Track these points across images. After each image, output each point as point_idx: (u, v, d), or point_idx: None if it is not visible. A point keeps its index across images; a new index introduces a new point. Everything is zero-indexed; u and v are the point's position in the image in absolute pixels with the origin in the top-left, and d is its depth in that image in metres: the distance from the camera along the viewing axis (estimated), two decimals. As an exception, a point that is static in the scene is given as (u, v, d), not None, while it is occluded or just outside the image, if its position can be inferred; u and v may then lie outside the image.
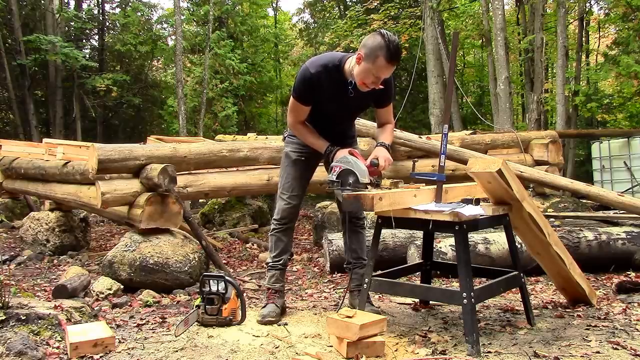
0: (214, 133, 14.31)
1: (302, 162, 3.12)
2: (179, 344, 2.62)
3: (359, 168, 2.62)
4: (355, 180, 2.59)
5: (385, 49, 2.57)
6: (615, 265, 4.13)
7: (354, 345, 2.36)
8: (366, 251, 3.18)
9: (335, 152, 2.84)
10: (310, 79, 2.80)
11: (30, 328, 2.58)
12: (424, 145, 5.62)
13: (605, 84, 17.17)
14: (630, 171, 10.27)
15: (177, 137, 11.69)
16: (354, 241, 3.18)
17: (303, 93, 2.87)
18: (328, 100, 2.90)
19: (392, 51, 2.58)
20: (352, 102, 2.91)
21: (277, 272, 3.20)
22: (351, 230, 3.19)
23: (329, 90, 2.85)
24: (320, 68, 2.82)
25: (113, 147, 4.37)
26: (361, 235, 3.20)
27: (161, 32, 19.60)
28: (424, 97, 17.14)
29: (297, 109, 2.96)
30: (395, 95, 3.08)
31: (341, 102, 2.91)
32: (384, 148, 2.89)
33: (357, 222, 3.19)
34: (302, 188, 3.17)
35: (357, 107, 3.08)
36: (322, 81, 2.82)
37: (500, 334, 2.70)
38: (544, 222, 2.79)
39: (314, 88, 2.84)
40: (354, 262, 3.18)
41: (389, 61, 2.61)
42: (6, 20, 15.77)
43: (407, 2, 15.24)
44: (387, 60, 2.60)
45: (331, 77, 2.82)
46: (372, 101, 2.99)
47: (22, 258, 5.43)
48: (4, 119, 17.98)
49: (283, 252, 3.19)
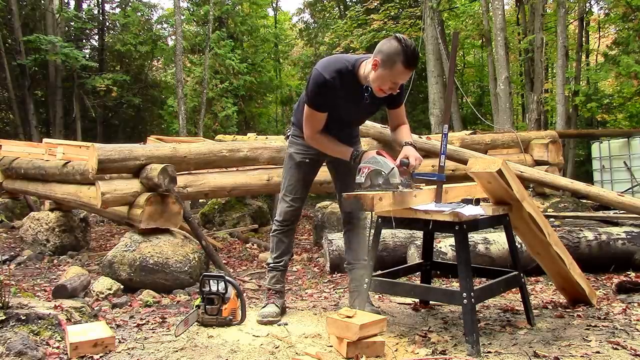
0: (214, 133, 14.32)
1: (307, 165, 3.09)
2: (179, 344, 2.62)
3: (389, 167, 2.55)
4: (385, 181, 2.52)
5: (402, 55, 2.52)
6: (615, 265, 4.12)
7: (354, 345, 2.36)
8: (366, 251, 3.17)
9: (362, 155, 2.76)
10: (324, 85, 2.71)
11: (30, 328, 2.58)
12: (424, 145, 5.62)
13: (605, 84, 17.16)
14: (630, 171, 10.27)
15: (177, 137, 11.70)
16: (354, 241, 3.17)
17: (319, 100, 2.77)
18: (343, 106, 2.84)
19: (410, 57, 2.53)
20: (367, 107, 2.87)
21: (278, 273, 3.20)
22: (351, 230, 3.18)
23: (345, 96, 2.78)
24: (335, 74, 2.72)
25: (113, 147, 4.37)
26: (361, 235, 3.18)
27: (161, 32, 19.61)
28: (424, 97, 17.14)
29: (313, 118, 2.83)
30: (406, 95, 3.03)
31: (357, 108, 2.86)
32: (412, 147, 2.78)
33: (357, 223, 3.17)
34: (305, 190, 3.16)
35: (371, 112, 3.02)
36: (337, 87, 2.73)
37: (500, 334, 2.70)
38: (544, 222, 2.79)
39: (330, 95, 2.75)
40: (354, 262, 3.16)
41: (407, 67, 2.56)
42: (6, 20, 15.77)
43: (407, 2, 15.24)
44: (405, 66, 2.55)
45: (347, 83, 2.74)
46: (385, 103, 2.94)
47: (22, 258, 5.43)
48: (4, 119, 17.98)
49: (284, 254, 3.19)
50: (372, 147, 5.69)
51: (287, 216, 3.13)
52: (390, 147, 5.77)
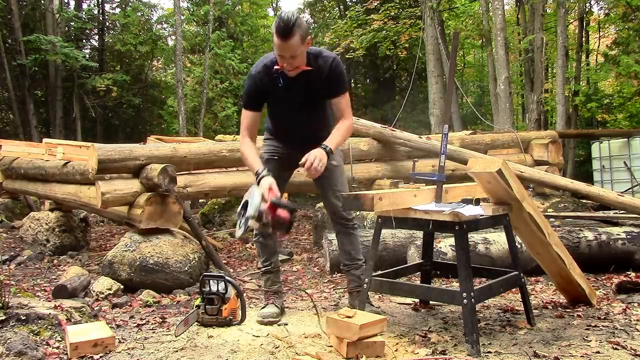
0: (214, 133, 14.32)
1: (275, 162, 3.03)
2: (179, 344, 2.62)
3: (254, 208, 2.41)
4: (246, 220, 2.41)
5: (275, 26, 2.57)
6: (615, 265, 4.12)
7: (354, 345, 2.36)
8: (360, 251, 3.15)
9: (260, 179, 2.66)
10: (252, 78, 2.78)
11: (30, 328, 2.59)
12: (424, 145, 5.62)
13: (605, 84, 17.18)
14: (630, 171, 10.27)
15: (177, 137, 11.70)
16: (346, 243, 3.12)
17: (246, 98, 2.82)
18: (280, 97, 2.83)
19: (278, 27, 2.55)
20: (293, 95, 2.82)
21: (271, 274, 3.19)
22: (342, 232, 3.12)
23: (273, 89, 2.79)
24: (261, 67, 2.77)
25: (113, 147, 4.37)
26: (353, 236, 3.12)
27: (161, 32, 19.60)
28: (424, 97, 17.14)
29: (243, 117, 2.88)
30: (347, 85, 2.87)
31: (290, 94, 2.81)
32: (321, 150, 2.67)
33: (346, 224, 3.09)
34: (279, 189, 3.12)
35: (304, 100, 2.86)
36: (265, 80, 2.77)
37: (500, 334, 2.70)
38: (544, 222, 2.79)
39: (259, 91, 2.80)
40: (350, 264, 3.12)
41: (277, 37, 2.57)
42: (6, 20, 15.75)
43: (407, 2, 15.24)
44: (276, 36, 2.57)
45: (271, 75, 2.76)
46: (320, 90, 2.83)
47: (22, 258, 5.43)
48: (4, 119, 17.97)
49: (271, 255, 3.17)
50: (372, 146, 5.68)
51: None
52: (390, 147, 5.78)
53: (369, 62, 19.59)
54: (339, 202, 2.95)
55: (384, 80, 19.94)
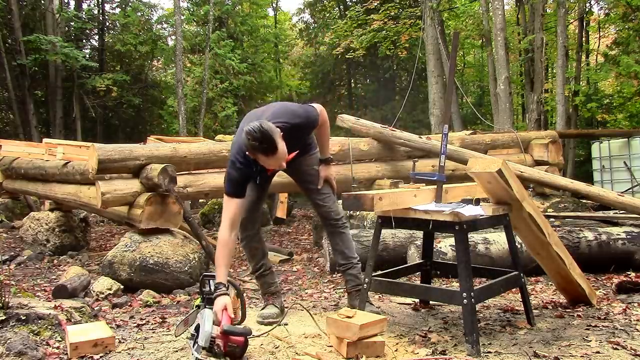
0: (214, 133, 14.33)
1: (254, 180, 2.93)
2: (179, 344, 2.62)
3: (205, 332, 2.29)
4: (194, 343, 2.31)
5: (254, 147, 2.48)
6: (615, 265, 4.12)
7: (354, 345, 2.36)
8: (354, 249, 3.14)
9: (216, 297, 2.48)
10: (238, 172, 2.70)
11: (30, 328, 2.59)
12: (424, 145, 5.62)
13: (605, 84, 17.18)
14: (630, 171, 10.27)
15: (177, 137, 11.70)
16: (339, 242, 3.11)
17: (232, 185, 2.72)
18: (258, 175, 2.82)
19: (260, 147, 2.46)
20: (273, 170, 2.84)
21: (265, 277, 3.19)
22: (333, 233, 3.11)
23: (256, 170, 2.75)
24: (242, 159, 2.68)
25: (113, 147, 4.37)
26: (344, 235, 3.11)
27: (161, 32, 19.60)
28: (424, 97, 17.16)
29: (227, 204, 2.71)
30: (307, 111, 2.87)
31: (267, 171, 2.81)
32: (328, 166, 3.05)
33: (336, 224, 3.09)
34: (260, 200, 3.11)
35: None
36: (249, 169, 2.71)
37: (500, 334, 2.70)
38: (544, 222, 2.79)
39: (246, 177, 2.74)
40: (345, 264, 3.11)
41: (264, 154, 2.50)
42: (6, 20, 15.76)
43: (407, 2, 15.26)
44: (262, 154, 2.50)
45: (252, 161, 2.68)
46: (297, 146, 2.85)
47: (22, 258, 5.43)
48: (4, 119, 17.97)
49: (261, 258, 3.16)
50: (372, 146, 5.68)
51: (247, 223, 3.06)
52: (390, 147, 5.78)
53: (369, 62, 19.62)
54: (326, 204, 3.05)
55: (384, 80, 19.97)
